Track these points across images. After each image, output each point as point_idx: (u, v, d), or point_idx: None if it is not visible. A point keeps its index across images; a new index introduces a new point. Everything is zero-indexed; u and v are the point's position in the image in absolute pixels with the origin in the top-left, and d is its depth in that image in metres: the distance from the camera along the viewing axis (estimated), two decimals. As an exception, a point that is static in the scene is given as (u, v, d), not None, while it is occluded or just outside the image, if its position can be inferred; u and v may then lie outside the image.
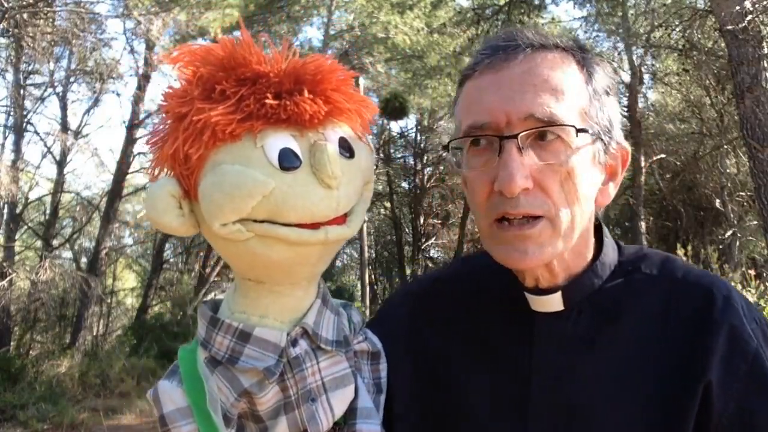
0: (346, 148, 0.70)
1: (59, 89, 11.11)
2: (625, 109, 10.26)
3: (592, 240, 0.83)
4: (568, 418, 0.76)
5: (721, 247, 9.96)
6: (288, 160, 0.64)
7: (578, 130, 0.73)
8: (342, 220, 0.70)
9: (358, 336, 0.80)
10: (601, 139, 0.77)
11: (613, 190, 0.81)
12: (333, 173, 0.65)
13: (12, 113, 10.48)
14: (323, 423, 0.70)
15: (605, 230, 0.85)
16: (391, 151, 16.09)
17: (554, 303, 0.80)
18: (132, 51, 11.24)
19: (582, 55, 0.79)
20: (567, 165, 0.73)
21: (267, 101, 0.64)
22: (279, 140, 0.65)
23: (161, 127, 0.70)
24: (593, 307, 0.81)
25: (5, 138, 10.99)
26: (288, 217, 0.64)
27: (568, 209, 0.74)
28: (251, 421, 0.71)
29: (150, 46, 10.54)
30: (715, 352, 0.73)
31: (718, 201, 10.44)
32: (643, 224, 10.58)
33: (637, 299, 0.80)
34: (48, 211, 11.94)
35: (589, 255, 0.82)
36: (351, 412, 0.74)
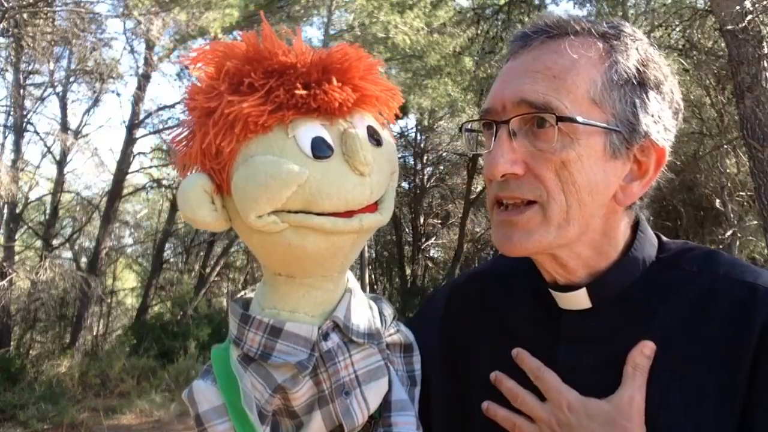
0: (374, 136, 0.70)
1: (59, 89, 11.11)
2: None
3: (620, 238, 0.79)
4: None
5: (721, 247, 9.96)
6: (320, 149, 0.65)
7: (559, 118, 0.70)
8: (374, 207, 0.71)
9: (390, 328, 0.80)
10: (617, 131, 0.73)
11: (638, 189, 0.76)
12: (365, 160, 0.66)
13: (12, 113, 10.48)
14: (358, 416, 0.70)
15: (644, 225, 0.82)
16: (391, 151, 16.06)
17: (580, 300, 0.78)
18: (132, 51, 11.24)
19: (614, 41, 0.75)
20: (560, 154, 0.71)
21: (297, 92, 0.64)
22: (310, 130, 0.65)
23: (187, 124, 0.70)
24: (624, 305, 0.78)
25: (5, 138, 10.99)
26: (323, 206, 0.65)
27: (563, 198, 0.72)
28: (286, 417, 0.71)
29: (150, 46, 10.54)
30: (755, 350, 0.69)
31: (718, 201, 10.44)
32: (643, 224, 10.55)
33: (673, 297, 0.76)
34: (48, 211, 11.93)
35: (616, 253, 0.79)
36: (385, 404, 0.74)
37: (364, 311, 0.76)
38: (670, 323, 0.75)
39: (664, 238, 0.84)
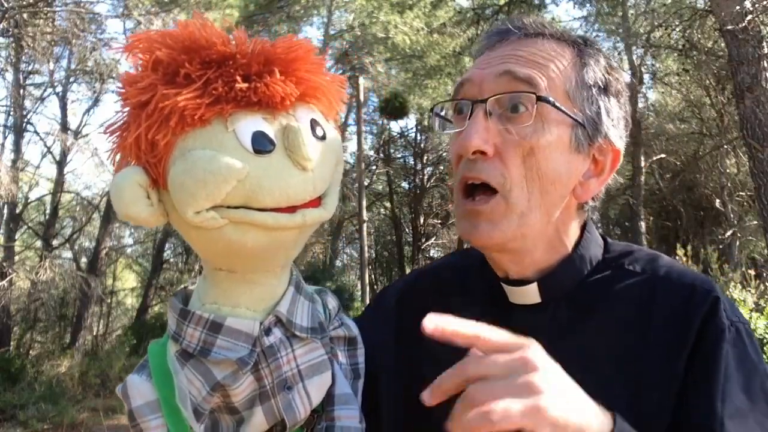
0: (317, 130, 0.69)
1: (59, 89, 11.12)
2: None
3: (571, 235, 0.82)
4: None
5: (721, 247, 9.96)
6: (261, 144, 0.63)
7: (539, 98, 0.72)
8: (317, 202, 0.69)
9: (334, 322, 0.79)
10: (584, 127, 0.76)
11: (595, 186, 0.80)
12: (308, 155, 0.64)
13: (12, 113, 10.49)
14: (300, 411, 0.68)
15: (590, 225, 0.85)
16: (391, 151, 16.10)
17: (530, 295, 0.80)
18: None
19: (583, 47, 0.80)
20: (530, 140, 0.73)
21: (237, 84, 0.62)
22: (251, 124, 0.63)
23: (120, 115, 0.67)
24: (571, 301, 0.80)
25: (5, 138, 11.01)
26: (264, 202, 0.63)
27: (525, 185, 0.74)
28: (226, 414, 0.70)
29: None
30: (692, 350, 0.73)
31: (718, 201, 10.45)
32: (643, 224, 10.59)
33: (618, 295, 0.79)
34: (48, 211, 11.95)
35: (567, 250, 0.81)
36: (328, 398, 0.73)
37: (308, 305, 0.74)
38: (613, 320, 0.78)
39: (610, 240, 0.87)
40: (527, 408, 0.54)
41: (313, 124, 0.68)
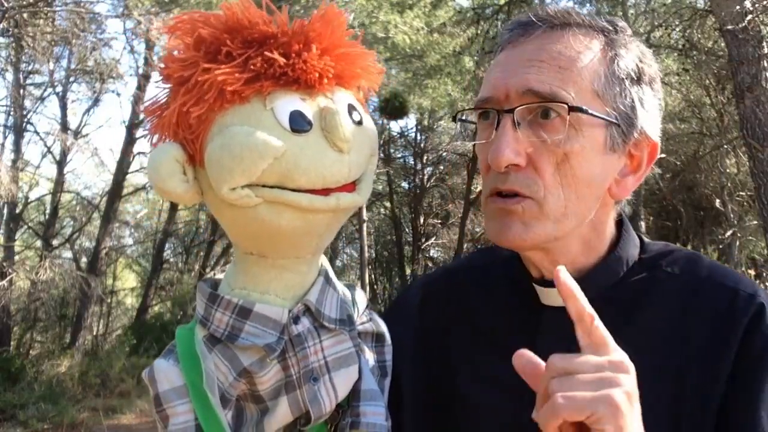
0: (354, 114, 0.68)
1: (59, 89, 11.12)
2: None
3: (608, 234, 0.79)
4: None
5: (721, 247, 9.96)
6: (299, 123, 0.63)
7: (571, 108, 0.69)
8: (352, 187, 0.69)
9: (363, 317, 0.78)
10: (618, 125, 0.73)
11: (632, 183, 0.76)
12: (345, 136, 0.63)
13: (12, 113, 10.48)
14: (326, 403, 0.68)
15: (627, 225, 0.81)
16: (391, 150, 16.09)
17: None
18: (132, 51, 11.25)
19: (613, 36, 0.75)
20: (564, 146, 0.70)
21: (276, 60, 0.62)
22: (289, 102, 0.63)
23: (161, 92, 0.68)
24: (606, 303, 0.76)
25: (5, 138, 11.00)
26: (299, 182, 0.63)
27: (560, 193, 0.72)
28: (251, 402, 0.69)
29: (150, 46, 10.54)
30: (736, 353, 0.70)
31: (718, 201, 10.44)
32: (643, 224, 10.58)
33: (655, 298, 0.76)
34: (48, 211, 11.94)
35: (603, 249, 0.78)
36: (354, 394, 0.72)
37: (337, 296, 0.74)
38: (650, 324, 0.75)
39: (646, 239, 0.84)
40: (603, 398, 0.55)
41: (350, 108, 0.68)
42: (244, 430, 0.68)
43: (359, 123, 0.69)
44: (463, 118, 0.83)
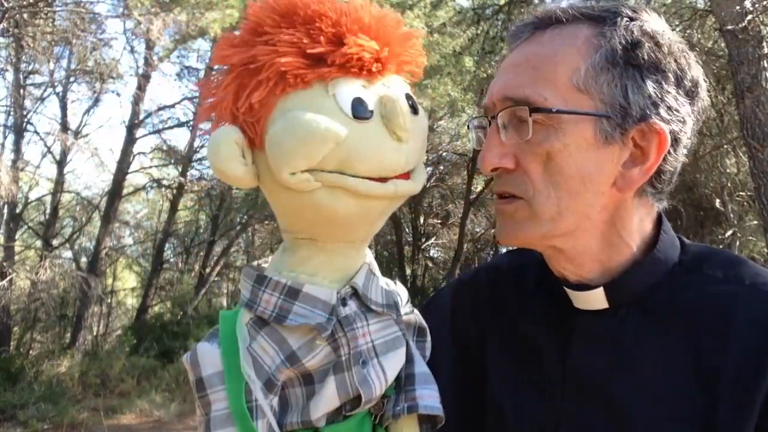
0: (411, 104, 0.69)
1: (59, 89, 11.10)
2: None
3: (632, 231, 0.75)
4: (605, 420, 0.72)
5: (721, 246, 9.94)
6: (361, 111, 0.63)
7: (532, 110, 0.69)
8: (407, 176, 0.69)
9: (406, 308, 0.78)
10: (608, 118, 0.70)
11: (639, 174, 0.72)
12: (405, 125, 0.64)
13: (12, 113, 10.48)
14: (376, 386, 0.67)
15: (666, 224, 0.78)
16: (391, 151, 16.04)
17: (597, 300, 0.75)
18: (132, 51, 11.24)
19: (608, 26, 0.71)
20: (544, 145, 0.70)
21: (341, 48, 0.63)
22: (351, 89, 0.64)
23: (217, 75, 0.68)
24: (643, 307, 0.74)
25: (5, 138, 11.00)
26: (357, 168, 0.63)
27: (550, 191, 0.71)
28: (297, 387, 0.68)
29: (150, 46, 10.54)
30: None
31: (718, 201, 10.43)
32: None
33: (695, 303, 0.73)
34: (48, 211, 11.93)
35: (631, 248, 0.75)
36: (408, 378, 0.71)
37: (381, 284, 0.74)
38: (689, 331, 0.72)
39: (686, 240, 0.81)
40: None
41: (408, 97, 0.69)
42: (290, 417, 0.67)
43: (416, 112, 0.70)
44: (476, 125, 0.84)
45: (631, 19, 0.72)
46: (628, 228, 0.75)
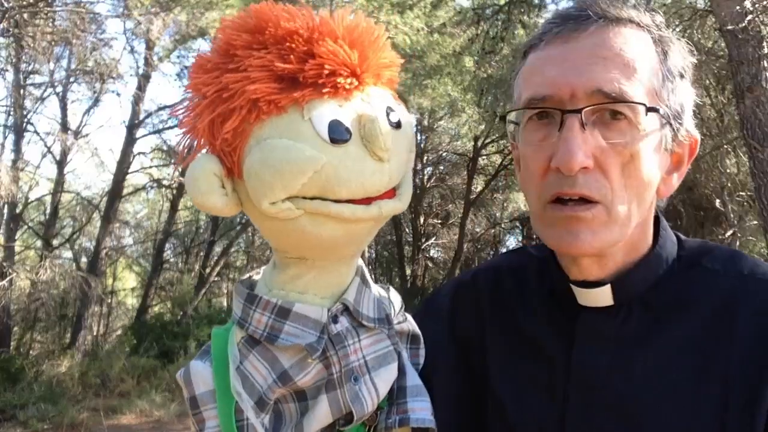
0: (392, 116, 0.66)
1: (59, 89, 11.11)
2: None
3: (650, 232, 0.77)
4: (610, 419, 0.72)
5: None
6: (338, 133, 0.60)
7: (648, 109, 0.68)
8: (392, 193, 0.67)
9: (399, 317, 0.77)
10: (670, 124, 0.71)
11: (677, 180, 0.75)
12: (384, 146, 0.62)
13: (12, 113, 10.48)
14: (368, 403, 0.66)
15: (663, 222, 0.79)
16: (391, 151, 16.05)
17: (603, 298, 0.75)
18: (132, 51, 11.25)
19: (659, 33, 0.73)
20: (632, 147, 0.68)
21: (309, 64, 0.60)
22: (327, 111, 0.61)
23: (191, 103, 0.65)
24: (646, 304, 0.75)
25: (5, 138, 10.99)
26: (339, 193, 0.62)
27: (626, 195, 0.70)
28: (291, 402, 0.67)
29: (150, 46, 10.54)
30: None
31: (718, 201, 10.43)
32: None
33: (697, 296, 0.74)
34: (48, 211, 11.94)
35: (645, 248, 0.76)
36: (400, 390, 0.71)
37: (374, 296, 0.73)
38: (693, 324, 0.72)
39: (682, 237, 0.81)
40: None
41: (388, 110, 0.66)
42: (284, 431, 0.67)
43: (398, 125, 0.66)
44: (512, 118, 0.79)
45: (671, 33, 0.75)
46: (649, 231, 0.77)
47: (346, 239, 0.66)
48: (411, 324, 0.78)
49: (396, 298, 0.79)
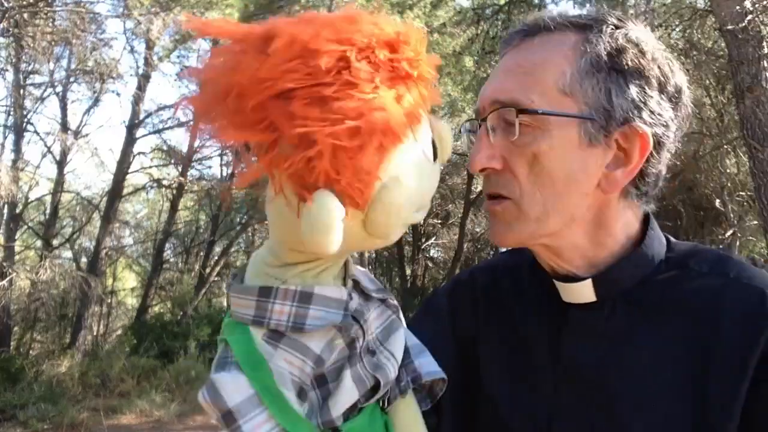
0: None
1: (59, 89, 11.10)
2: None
3: (617, 229, 0.78)
4: (598, 414, 0.74)
5: (721, 247, 9.95)
6: (434, 152, 0.63)
7: (519, 111, 0.72)
8: None
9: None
10: (592, 120, 0.72)
11: (622, 176, 0.74)
12: (448, 156, 0.66)
13: (12, 113, 10.48)
14: (390, 369, 0.68)
15: (653, 223, 0.81)
16: (391, 151, 16.03)
17: (584, 293, 0.77)
18: (132, 51, 11.25)
19: (593, 32, 0.73)
20: (531, 147, 0.72)
21: (415, 71, 0.57)
22: (425, 131, 0.61)
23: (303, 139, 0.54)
24: (631, 301, 0.76)
25: (5, 138, 10.99)
26: (427, 207, 0.65)
27: (536, 192, 0.73)
28: (311, 390, 0.65)
29: (150, 46, 10.54)
30: (759, 360, 0.68)
31: (718, 201, 10.43)
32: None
33: (682, 297, 0.75)
34: (48, 211, 11.94)
35: (617, 245, 0.78)
36: (404, 352, 0.72)
37: (362, 271, 0.74)
38: (677, 324, 0.74)
39: (673, 239, 0.83)
40: None
41: None
42: (312, 420, 0.64)
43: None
44: (468, 128, 0.86)
45: (617, 27, 0.74)
46: (614, 228, 0.78)
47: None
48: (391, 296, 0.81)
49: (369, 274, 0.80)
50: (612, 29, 0.74)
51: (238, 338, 0.64)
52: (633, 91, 0.72)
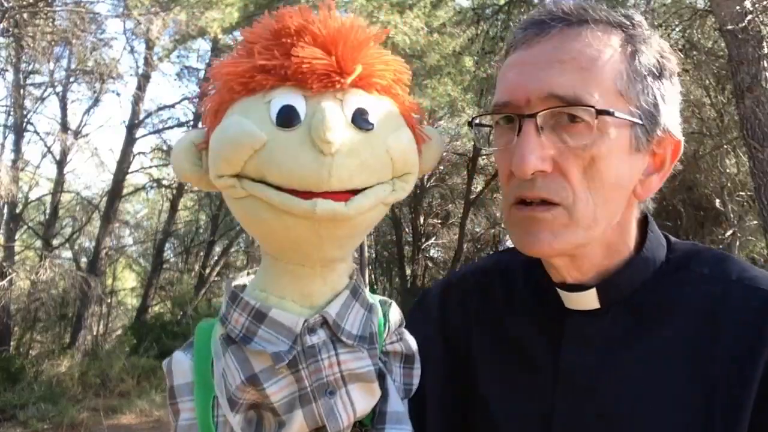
0: (362, 118, 0.63)
1: (59, 89, 11.11)
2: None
3: (631, 235, 0.76)
4: (598, 422, 0.72)
5: (721, 247, 9.95)
6: (285, 118, 0.60)
7: (599, 112, 0.66)
8: (342, 196, 0.62)
9: (393, 336, 0.75)
10: (641, 125, 0.70)
11: (657, 182, 0.74)
12: (326, 137, 0.58)
13: (12, 113, 10.48)
14: (343, 418, 0.65)
15: (652, 224, 0.79)
16: (391, 151, 16.02)
17: (589, 301, 0.75)
18: (132, 51, 11.25)
19: (632, 31, 0.72)
20: (591, 150, 0.68)
21: (278, 57, 0.62)
22: (285, 97, 0.62)
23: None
24: (633, 306, 0.75)
25: (5, 138, 10.99)
26: (273, 177, 0.60)
27: (589, 198, 0.69)
28: (269, 413, 0.67)
29: (150, 46, 10.53)
30: (766, 363, 0.67)
31: (718, 201, 10.43)
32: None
33: (683, 300, 0.73)
34: (48, 211, 11.93)
35: (627, 251, 0.76)
36: (380, 415, 0.69)
37: (362, 313, 0.71)
38: (679, 328, 0.73)
39: (672, 239, 0.81)
40: None
41: (360, 111, 0.63)
42: None
43: (367, 128, 0.63)
44: (478, 122, 0.79)
45: (646, 29, 0.74)
46: (630, 233, 0.76)
47: (284, 234, 0.64)
48: (405, 344, 0.76)
49: (394, 315, 0.76)
50: (647, 31, 0.73)
51: (205, 327, 0.70)
52: (671, 96, 0.73)
